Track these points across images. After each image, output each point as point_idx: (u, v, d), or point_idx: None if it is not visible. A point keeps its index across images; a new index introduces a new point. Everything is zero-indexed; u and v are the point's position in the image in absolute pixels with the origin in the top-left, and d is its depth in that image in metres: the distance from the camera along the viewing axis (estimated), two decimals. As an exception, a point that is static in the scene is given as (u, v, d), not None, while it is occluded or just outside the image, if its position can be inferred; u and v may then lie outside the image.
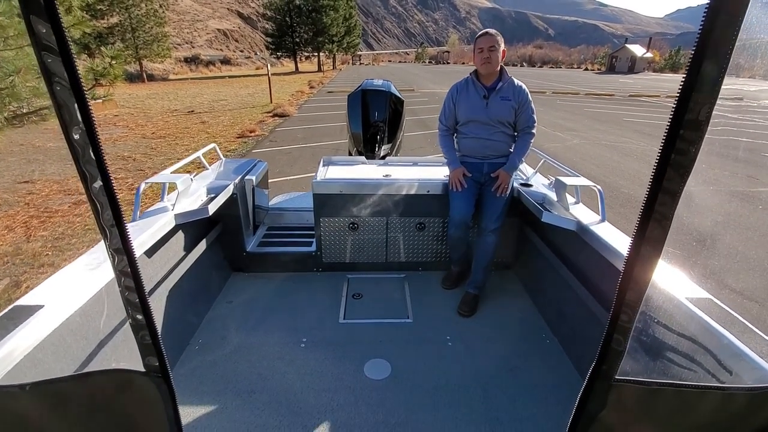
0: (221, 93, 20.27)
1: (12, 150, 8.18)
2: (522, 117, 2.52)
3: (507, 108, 2.48)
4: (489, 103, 2.49)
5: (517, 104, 2.49)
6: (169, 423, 0.80)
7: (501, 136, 2.54)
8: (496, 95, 2.48)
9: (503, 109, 2.48)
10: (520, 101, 2.50)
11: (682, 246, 4.28)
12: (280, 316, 2.39)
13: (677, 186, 0.60)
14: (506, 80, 2.49)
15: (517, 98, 2.49)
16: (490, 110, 2.48)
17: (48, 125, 9.82)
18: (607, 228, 2.01)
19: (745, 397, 0.81)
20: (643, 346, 1.34)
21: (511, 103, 2.48)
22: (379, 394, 1.84)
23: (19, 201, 5.39)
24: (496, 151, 2.57)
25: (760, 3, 0.72)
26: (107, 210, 0.59)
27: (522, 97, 2.50)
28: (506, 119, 2.49)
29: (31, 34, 0.48)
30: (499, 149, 2.57)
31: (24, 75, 4.01)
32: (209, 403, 1.77)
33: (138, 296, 0.66)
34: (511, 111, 2.49)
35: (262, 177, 3.16)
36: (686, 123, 0.56)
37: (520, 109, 2.50)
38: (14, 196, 5.59)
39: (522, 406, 1.79)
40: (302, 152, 8.22)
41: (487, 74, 2.45)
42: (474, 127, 2.56)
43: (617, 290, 0.68)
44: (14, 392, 0.75)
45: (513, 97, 2.48)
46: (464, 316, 2.44)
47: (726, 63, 0.53)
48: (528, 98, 2.51)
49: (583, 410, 0.81)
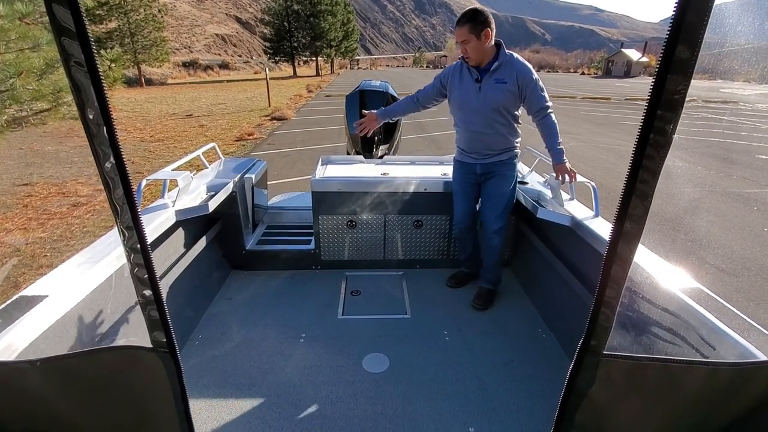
0: (219, 97, 20.32)
1: (11, 153, 8.19)
2: (531, 101, 2.18)
3: (501, 92, 2.15)
4: (482, 87, 2.19)
5: (518, 87, 2.15)
6: (175, 399, 0.82)
7: (497, 128, 2.25)
8: (490, 77, 2.16)
9: (497, 94, 2.16)
10: (522, 83, 2.14)
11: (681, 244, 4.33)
12: (280, 313, 2.42)
13: (656, 164, 0.64)
14: (503, 59, 2.15)
15: (516, 80, 2.14)
16: (482, 96, 2.19)
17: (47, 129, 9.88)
18: (601, 223, 2.05)
19: (729, 372, 0.85)
20: (631, 322, 1.38)
21: (507, 86, 2.14)
22: (378, 387, 1.87)
23: (18, 203, 5.40)
24: (490, 148, 2.31)
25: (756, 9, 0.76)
26: (119, 188, 0.62)
27: (523, 78, 2.14)
28: (501, 105, 2.18)
29: (52, 19, 0.51)
30: (495, 145, 2.30)
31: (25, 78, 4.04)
32: (210, 396, 1.79)
33: (147, 272, 0.69)
34: (506, 95, 2.16)
35: (262, 176, 3.19)
36: (663, 103, 0.59)
37: (524, 93, 2.16)
38: (13, 198, 5.60)
39: (518, 398, 1.82)
40: (300, 155, 8.26)
41: (475, 65, 2.19)
42: (465, 115, 2.30)
43: (603, 265, 0.71)
44: (25, 368, 0.78)
45: (509, 78, 2.14)
46: (478, 309, 2.47)
47: (698, 47, 0.57)
48: (531, 77, 2.15)
49: (573, 386, 0.84)
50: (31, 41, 3.85)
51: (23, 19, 3.58)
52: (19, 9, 3.51)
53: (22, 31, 3.66)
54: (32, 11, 3.59)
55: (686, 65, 0.57)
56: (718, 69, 41.67)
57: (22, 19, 3.59)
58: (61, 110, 4.53)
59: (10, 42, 3.75)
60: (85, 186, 6.14)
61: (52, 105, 4.50)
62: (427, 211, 2.80)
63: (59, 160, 7.69)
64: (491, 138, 2.29)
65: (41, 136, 9.62)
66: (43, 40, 3.88)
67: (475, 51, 2.12)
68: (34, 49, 3.93)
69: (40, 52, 3.99)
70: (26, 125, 4.79)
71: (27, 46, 3.92)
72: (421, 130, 11.30)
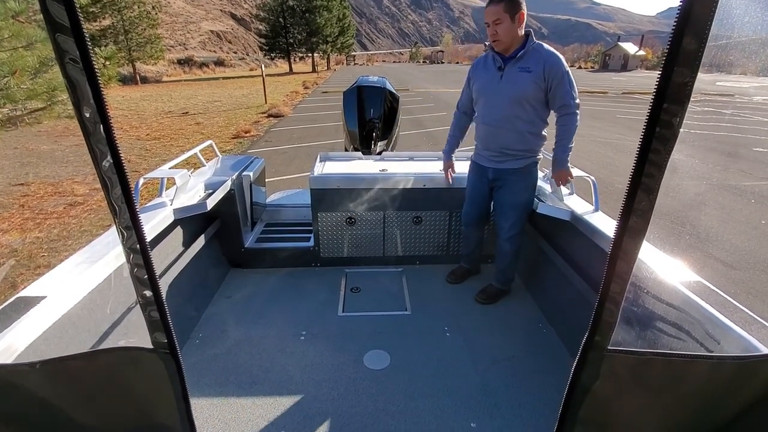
0: (215, 94, 20.21)
1: (6, 153, 8.13)
2: (556, 94, 1.99)
3: (525, 81, 1.96)
4: (504, 75, 2.02)
5: (544, 77, 1.95)
6: (177, 399, 0.82)
7: (516, 124, 2.06)
8: (514, 65, 1.99)
9: (520, 82, 1.97)
10: (549, 73, 1.93)
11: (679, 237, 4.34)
12: (280, 311, 2.41)
13: (662, 158, 0.63)
14: (530, 46, 1.98)
15: (543, 69, 1.93)
16: (503, 84, 2.02)
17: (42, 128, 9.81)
18: (601, 217, 2.05)
19: (733, 366, 0.85)
20: (634, 318, 1.38)
21: (532, 75, 1.95)
22: (379, 383, 1.86)
23: (14, 203, 5.37)
24: (506, 147, 2.13)
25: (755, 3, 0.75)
26: (117, 187, 0.61)
27: (551, 68, 1.93)
28: (523, 95, 1.99)
29: (46, 15, 0.50)
30: (512, 144, 2.11)
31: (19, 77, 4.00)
32: (212, 395, 1.78)
33: (147, 272, 0.68)
34: (529, 85, 1.96)
35: (260, 173, 3.18)
36: (669, 96, 0.59)
37: (550, 84, 1.96)
38: (9, 198, 5.57)
39: (519, 394, 1.82)
40: (298, 152, 8.23)
41: (502, 50, 2.02)
42: (485, 107, 2.13)
43: (608, 260, 0.70)
44: (24, 370, 0.77)
45: (535, 67, 1.94)
46: (479, 302, 2.49)
47: (705, 38, 0.56)
48: (561, 68, 1.95)
49: (577, 382, 0.84)
50: (25, 39, 3.81)
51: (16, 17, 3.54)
52: (12, 7, 3.47)
53: (16, 29, 3.62)
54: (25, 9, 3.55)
55: (693, 57, 0.56)
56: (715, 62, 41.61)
57: (15, 17, 3.54)
58: (55, 109, 4.49)
59: (3, 40, 3.71)
60: (81, 185, 6.11)
61: (47, 104, 4.46)
62: (426, 207, 2.79)
63: (55, 160, 7.64)
64: (508, 135, 2.10)
65: (36, 135, 9.55)
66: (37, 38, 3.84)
67: (507, 33, 1.92)
68: (27, 47, 3.89)
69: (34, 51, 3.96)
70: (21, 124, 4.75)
71: (21, 45, 3.88)
72: (419, 125, 11.27)
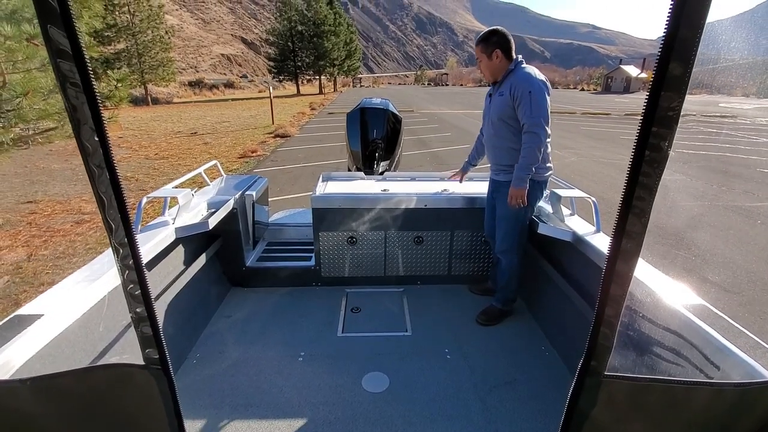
0: (224, 115, 20.61)
1: (17, 171, 8.28)
2: (519, 113, 2.18)
3: (501, 103, 2.25)
4: (491, 100, 2.38)
5: (512, 97, 2.18)
6: (168, 416, 0.80)
7: (504, 139, 2.32)
8: (497, 90, 2.32)
9: (498, 105, 2.27)
10: (514, 94, 2.16)
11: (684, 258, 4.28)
12: (279, 331, 2.39)
13: (653, 181, 0.63)
14: (511, 73, 2.24)
15: (510, 90, 2.19)
16: (491, 107, 2.37)
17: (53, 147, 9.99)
18: (603, 238, 2.03)
19: (735, 393, 0.82)
20: (631, 343, 1.35)
21: (503, 98, 2.22)
22: (377, 407, 1.82)
23: (22, 221, 5.43)
24: (499, 161, 2.40)
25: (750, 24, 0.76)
26: (113, 206, 0.62)
27: (516, 89, 2.16)
28: (501, 116, 2.27)
29: (47, 41, 0.52)
30: (502, 159, 2.38)
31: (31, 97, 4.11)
32: (206, 417, 1.75)
33: (140, 289, 0.68)
34: (503, 106, 2.24)
35: (263, 193, 3.20)
36: (658, 120, 0.59)
37: (516, 103, 2.18)
38: (17, 216, 5.64)
39: (521, 418, 1.77)
40: (303, 171, 8.31)
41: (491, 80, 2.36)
42: (484, 127, 2.52)
43: (601, 284, 0.70)
44: (14, 387, 0.76)
45: (506, 90, 2.22)
46: (481, 324, 2.47)
47: (691, 63, 0.57)
48: (525, 90, 2.13)
49: (574, 408, 0.82)
50: (38, 61, 3.93)
51: (31, 39, 3.66)
52: (26, 30, 3.59)
53: (30, 52, 3.74)
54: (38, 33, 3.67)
55: (679, 82, 0.57)
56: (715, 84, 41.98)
57: (29, 40, 3.67)
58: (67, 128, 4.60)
59: (17, 62, 3.83)
60: (89, 203, 6.18)
61: (59, 124, 4.58)
62: (428, 227, 2.79)
63: (65, 178, 7.77)
64: (497, 151, 2.41)
65: (47, 154, 9.75)
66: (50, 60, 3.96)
67: (486, 68, 2.31)
68: (41, 69, 4.01)
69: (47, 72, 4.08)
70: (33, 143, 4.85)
71: (34, 66, 4.00)
72: (423, 146, 11.37)
